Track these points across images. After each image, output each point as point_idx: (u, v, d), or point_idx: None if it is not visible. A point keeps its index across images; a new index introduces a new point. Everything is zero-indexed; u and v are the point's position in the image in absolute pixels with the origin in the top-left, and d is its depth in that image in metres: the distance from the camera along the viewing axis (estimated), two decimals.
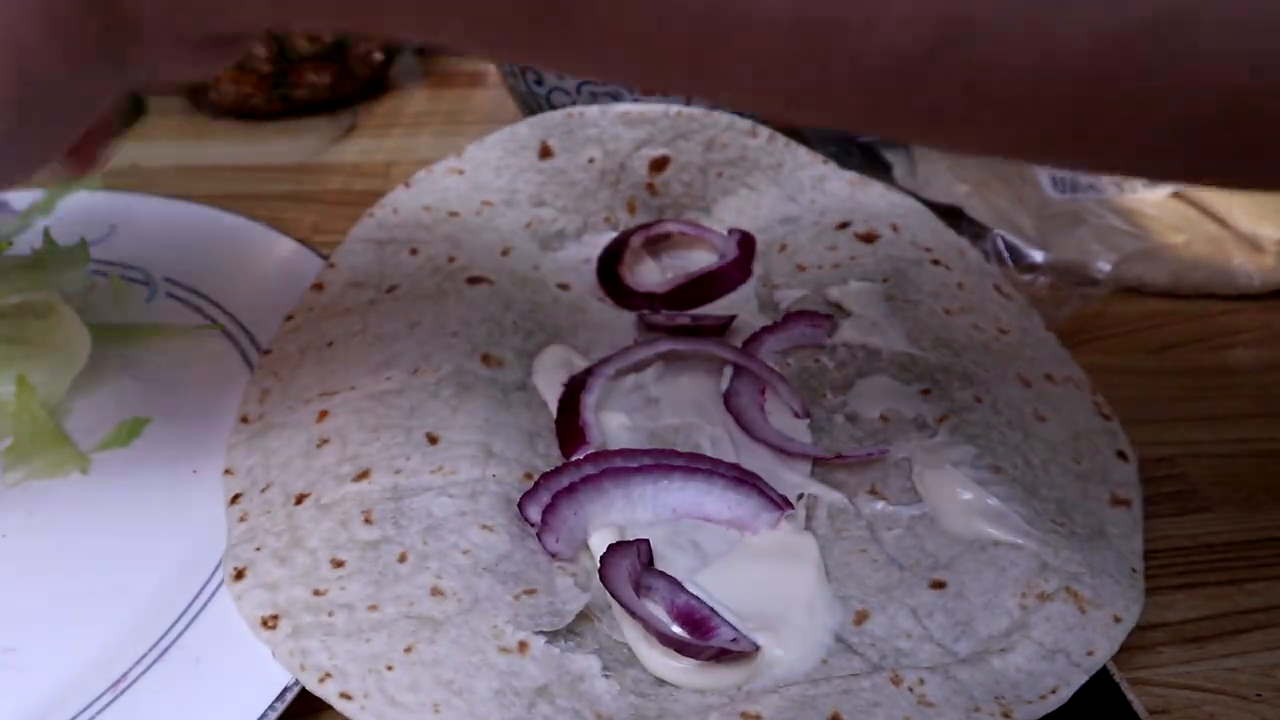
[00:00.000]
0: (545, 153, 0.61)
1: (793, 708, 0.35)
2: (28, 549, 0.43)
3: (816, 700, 0.35)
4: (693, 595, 0.39)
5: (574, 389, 0.48)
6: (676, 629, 0.38)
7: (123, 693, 0.37)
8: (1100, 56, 0.26)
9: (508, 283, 0.55)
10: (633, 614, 0.38)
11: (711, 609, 0.39)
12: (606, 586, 0.38)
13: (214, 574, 0.41)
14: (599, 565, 0.39)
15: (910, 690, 0.36)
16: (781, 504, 0.43)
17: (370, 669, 0.36)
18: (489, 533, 0.40)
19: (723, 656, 0.37)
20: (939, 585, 0.40)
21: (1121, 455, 0.48)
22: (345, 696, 0.35)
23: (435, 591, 0.38)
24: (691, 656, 0.37)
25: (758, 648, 0.38)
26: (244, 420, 0.48)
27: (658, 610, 0.39)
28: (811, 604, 0.40)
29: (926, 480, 0.44)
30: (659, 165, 0.61)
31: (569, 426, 0.46)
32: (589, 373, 0.49)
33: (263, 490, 0.44)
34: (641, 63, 0.29)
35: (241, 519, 0.43)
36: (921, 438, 0.46)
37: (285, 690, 0.36)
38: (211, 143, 0.78)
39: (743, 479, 0.44)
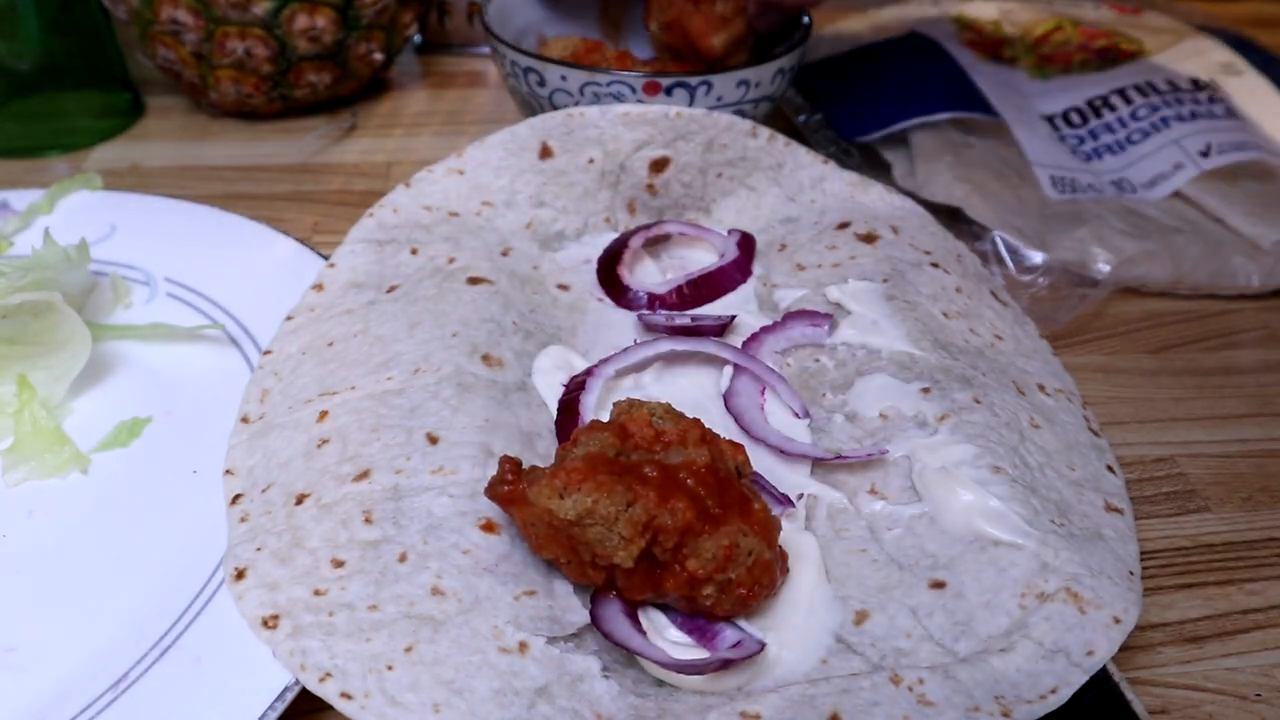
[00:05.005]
0: (545, 153, 0.61)
1: (792, 707, 0.35)
2: (28, 549, 0.43)
3: (816, 700, 0.35)
4: None
5: (574, 389, 0.48)
6: (679, 635, 0.38)
7: (123, 693, 0.37)
8: None
9: (508, 283, 0.55)
10: (636, 654, 0.37)
11: None
12: (600, 629, 0.38)
13: (214, 574, 0.41)
14: (590, 607, 0.39)
15: (910, 690, 0.36)
16: (782, 503, 0.43)
17: (370, 669, 0.36)
18: (489, 533, 0.40)
19: (728, 666, 0.37)
20: (939, 585, 0.40)
21: (1110, 469, 0.48)
22: (345, 696, 0.35)
23: (435, 591, 0.38)
24: (698, 674, 0.37)
25: (763, 647, 0.38)
26: (244, 420, 0.48)
27: (658, 616, 0.39)
28: (811, 604, 0.40)
29: (926, 480, 0.44)
30: (659, 166, 0.61)
31: (569, 426, 0.46)
32: (589, 373, 0.49)
33: (263, 490, 0.44)
34: None
35: (242, 519, 0.43)
36: (922, 436, 0.46)
37: (285, 690, 0.36)
38: (211, 143, 0.78)
39: None
